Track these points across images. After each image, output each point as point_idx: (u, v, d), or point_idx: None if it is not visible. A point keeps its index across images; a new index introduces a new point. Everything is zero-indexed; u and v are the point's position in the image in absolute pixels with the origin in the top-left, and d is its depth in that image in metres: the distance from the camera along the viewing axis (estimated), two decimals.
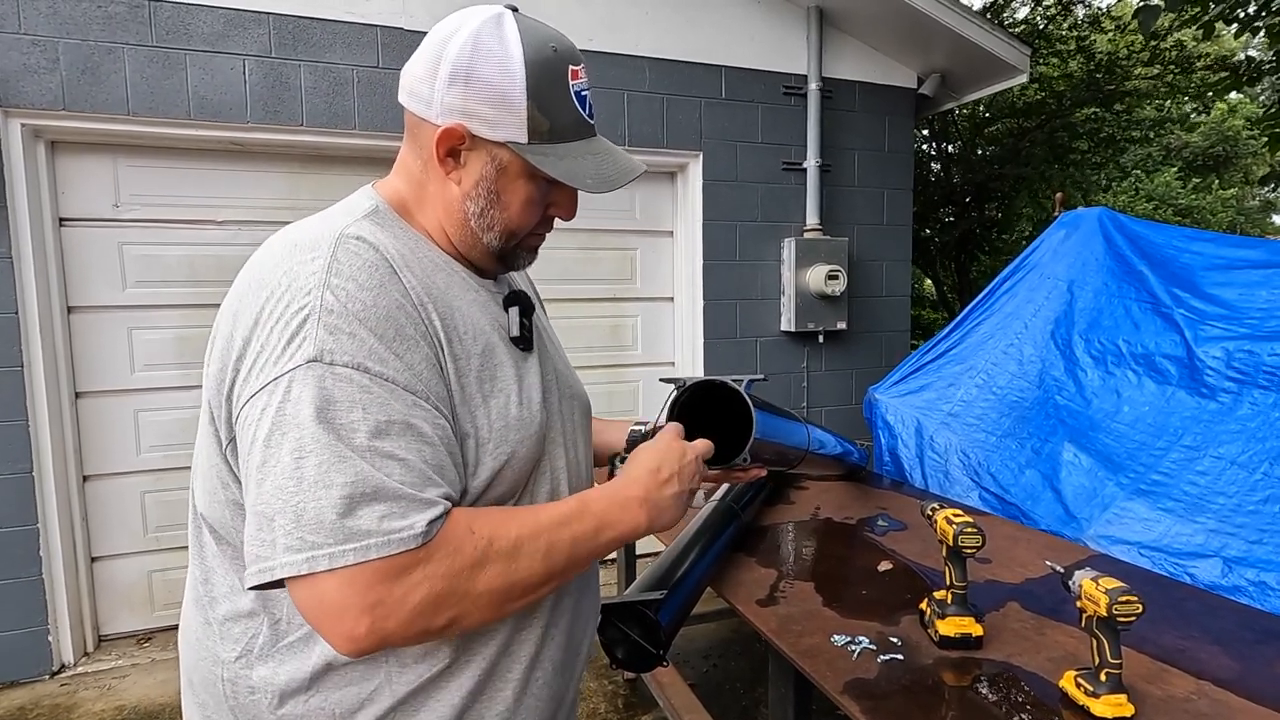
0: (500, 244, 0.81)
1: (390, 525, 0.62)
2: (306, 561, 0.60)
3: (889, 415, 2.59)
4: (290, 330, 0.65)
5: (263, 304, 0.68)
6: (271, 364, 0.65)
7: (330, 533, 0.60)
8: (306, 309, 0.65)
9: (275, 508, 0.62)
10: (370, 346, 0.66)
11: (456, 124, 0.75)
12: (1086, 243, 2.43)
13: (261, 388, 0.65)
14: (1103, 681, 1.02)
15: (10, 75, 2.47)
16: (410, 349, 0.68)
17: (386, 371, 0.66)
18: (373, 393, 0.64)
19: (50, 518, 2.62)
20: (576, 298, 3.42)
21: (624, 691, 2.56)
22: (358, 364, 0.65)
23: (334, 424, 0.62)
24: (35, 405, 2.57)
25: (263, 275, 0.70)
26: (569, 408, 0.90)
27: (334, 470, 0.61)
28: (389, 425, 0.64)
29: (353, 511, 0.61)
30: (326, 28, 2.83)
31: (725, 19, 3.45)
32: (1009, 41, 3.66)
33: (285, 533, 0.61)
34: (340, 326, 0.65)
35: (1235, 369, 1.83)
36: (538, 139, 0.76)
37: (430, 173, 0.79)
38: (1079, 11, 7.28)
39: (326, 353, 0.64)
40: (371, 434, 0.63)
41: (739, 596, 1.47)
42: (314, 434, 0.62)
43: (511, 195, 0.79)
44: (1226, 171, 10.21)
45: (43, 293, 2.60)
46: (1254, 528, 1.61)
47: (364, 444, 0.63)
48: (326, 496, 0.61)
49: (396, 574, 0.62)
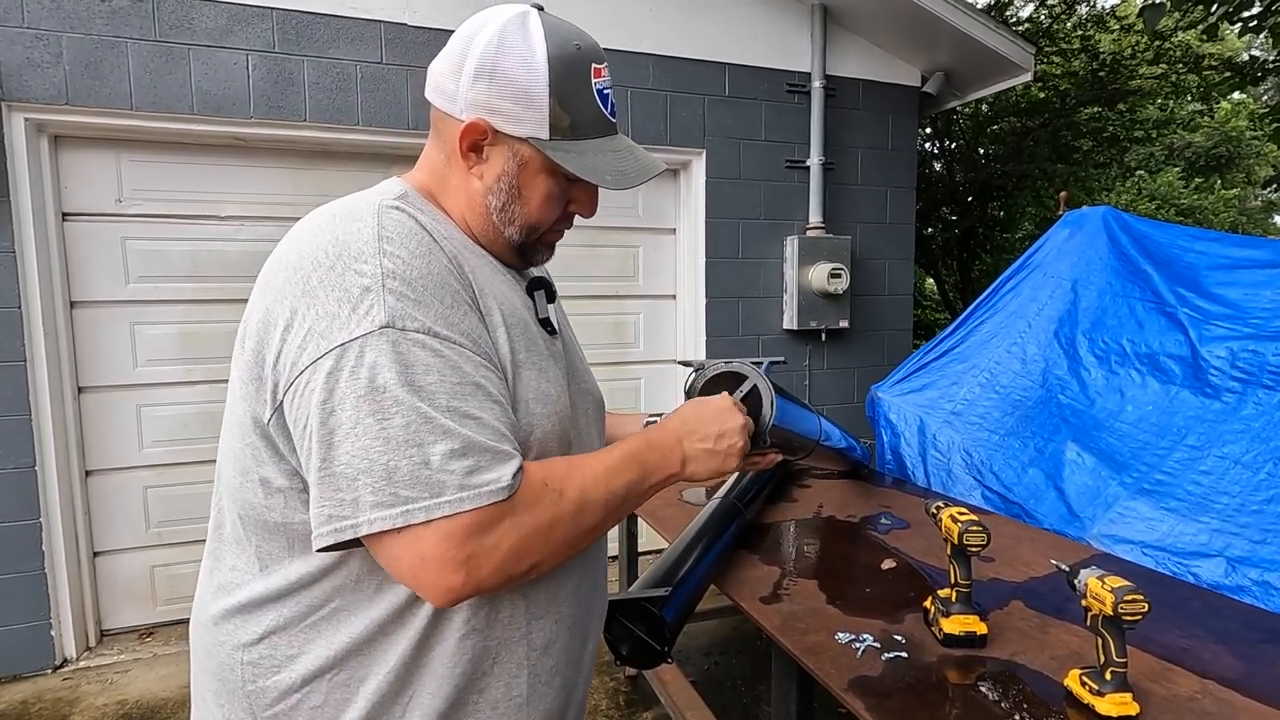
0: (521, 238, 0.83)
1: (480, 479, 0.65)
2: (402, 515, 0.63)
3: (892, 414, 2.59)
4: (353, 296, 0.66)
5: (310, 271, 0.68)
6: (337, 329, 0.65)
7: (425, 487, 0.63)
8: (368, 275, 0.66)
9: (359, 467, 0.63)
10: (437, 311, 0.68)
11: (479, 119, 0.77)
12: (1091, 242, 2.42)
13: (326, 352, 0.65)
14: (1108, 680, 1.02)
15: (13, 69, 2.47)
16: (466, 314, 0.71)
17: (454, 335, 0.68)
18: (445, 356, 0.67)
19: (53, 512, 2.62)
20: (579, 295, 3.42)
21: (625, 689, 2.56)
22: (428, 329, 0.67)
23: (415, 386, 0.64)
24: (38, 400, 2.57)
25: (302, 248, 0.71)
26: (584, 403, 0.91)
27: (422, 430, 0.64)
28: (463, 386, 0.67)
29: (445, 467, 0.64)
30: (330, 23, 2.83)
31: (729, 16, 3.45)
32: (1013, 40, 3.66)
33: (373, 490, 0.63)
34: (406, 293, 0.67)
35: (1239, 369, 1.83)
36: (559, 135, 0.77)
37: (453, 166, 0.81)
38: (1083, 10, 7.26)
39: (398, 318, 0.65)
40: (451, 395, 0.66)
41: (742, 594, 1.47)
42: (396, 396, 0.64)
43: (532, 190, 0.81)
44: (1229, 172, 10.18)
45: (45, 287, 2.60)
46: (1258, 527, 1.60)
47: (445, 404, 0.65)
48: (419, 454, 0.63)
49: (488, 526, 0.66)
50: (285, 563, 0.74)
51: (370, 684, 0.73)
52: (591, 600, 0.90)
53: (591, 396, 0.95)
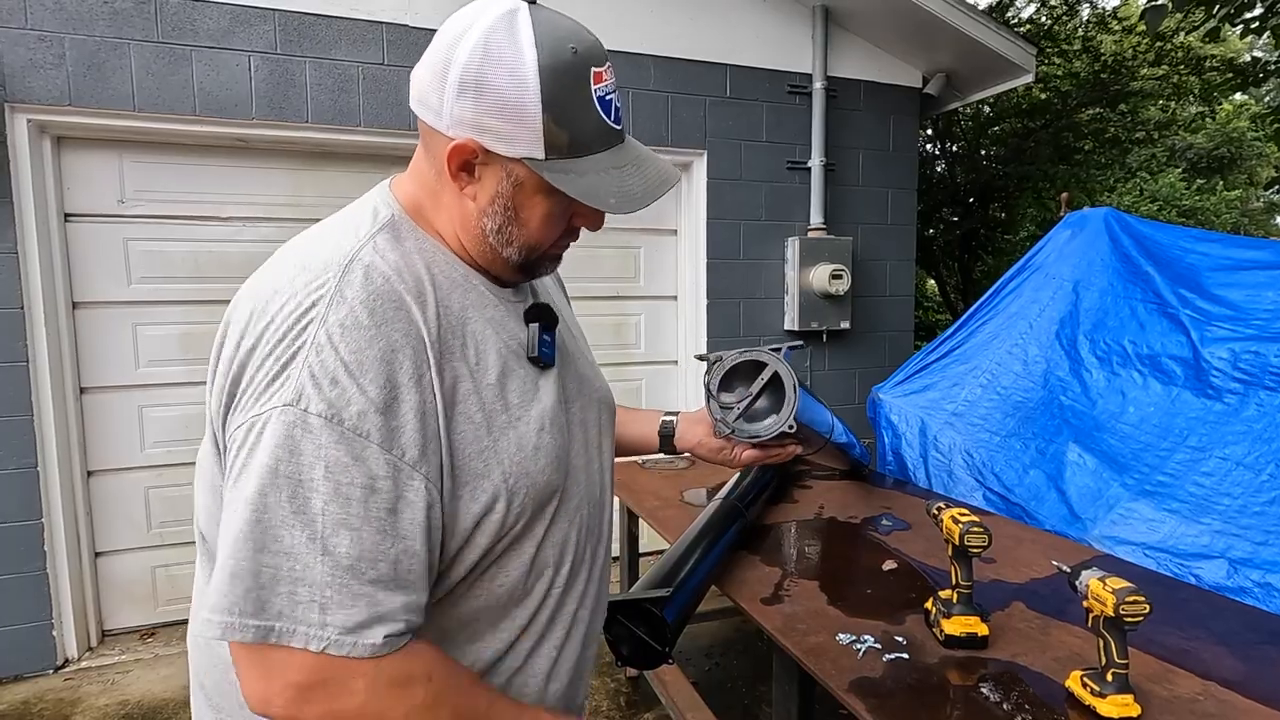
0: (521, 258, 0.77)
1: (304, 615, 0.58)
2: (221, 627, 0.58)
3: (893, 415, 2.59)
4: (278, 365, 0.61)
5: (262, 329, 0.64)
6: (254, 399, 0.62)
7: (245, 600, 0.58)
8: (297, 345, 0.62)
9: (223, 553, 0.59)
10: (350, 396, 0.61)
11: (468, 139, 0.69)
12: (1092, 243, 2.42)
13: (241, 423, 0.62)
14: (1109, 681, 1.02)
15: (16, 70, 2.47)
16: (400, 400, 0.63)
17: (363, 426, 0.61)
18: (341, 447, 0.60)
19: (54, 513, 2.63)
20: (580, 295, 3.40)
21: (626, 689, 2.56)
22: (333, 415, 0.60)
23: (291, 479, 0.59)
24: (40, 400, 2.58)
25: (267, 296, 0.66)
26: (591, 413, 0.88)
27: (272, 533, 0.58)
28: (351, 489, 0.60)
29: (274, 585, 0.58)
30: (332, 24, 2.83)
31: (730, 17, 3.45)
32: (1014, 41, 3.65)
33: (217, 585, 0.59)
34: (325, 369, 0.60)
35: (1241, 370, 1.83)
36: (556, 154, 0.69)
37: (444, 183, 0.74)
38: (1085, 12, 7.26)
39: (304, 398, 0.60)
40: (332, 496, 0.59)
41: (743, 595, 1.47)
42: (265, 486, 0.58)
43: (530, 212, 0.73)
44: (1231, 173, 10.18)
45: (48, 288, 2.60)
46: (1259, 529, 1.60)
47: (318, 507, 0.59)
48: (253, 561, 0.58)
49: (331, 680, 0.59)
50: None
51: None
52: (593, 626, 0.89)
53: (602, 404, 0.92)
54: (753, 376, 1.12)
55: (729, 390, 1.14)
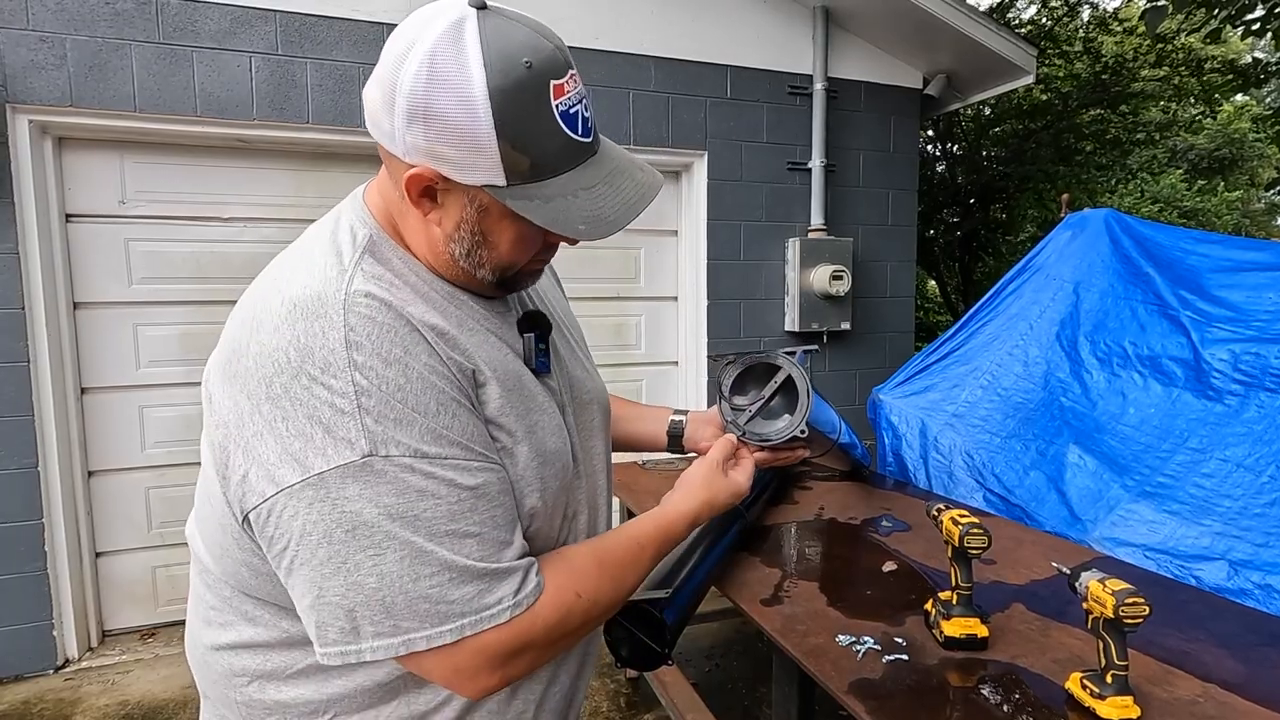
0: (495, 278, 0.73)
1: (481, 603, 0.65)
2: (403, 644, 0.63)
3: (893, 416, 2.59)
4: (327, 417, 0.60)
5: (272, 376, 0.61)
6: (313, 455, 0.60)
7: (425, 619, 0.63)
8: (339, 393, 0.60)
9: (355, 600, 0.62)
10: (421, 427, 0.63)
11: (424, 168, 0.64)
12: (1093, 244, 2.42)
13: (303, 479, 0.60)
14: (1109, 683, 1.02)
15: (18, 71, 2.48)
16: (455, 413, 0.66)
17: (444, 451, 0.64)
18: (436, 477, 0.63)
19: (55, 513, 2.63)
20: (580, 296, 3.42)
21: (626, 690, 2.56)
22: (415, 451, 0.62)
23: (406, 517, 0.62)
24: (41, 401, 2.58)
25: (264, 339, 0.63)
26: (586, 416, 0.87)
27: (418, 564, 0.62)
28: (460, 505, 0.64)
29: (444, 598, 0.63)
30: (333, 25, 2.84)
31: (731, 18, 3.45)
32: (1015, 42, 3.65)
33: (372, 622, 0.62)
34: (385, 413, 0.61)
35: (1242, 371, 1.83)
36: (518, 179, 0.64)
37: (408, 208, 0.70)
38: (1085, 13, 7.26)
39: (380, 444, 0.61)
40: (448, 518, 0.63)
41: (743, 596, 1.47)
42: (388, 531, 0.61)
43: (499, 236, 0.70)
44: (1232, 174, 10.18)
45: (49, 288, 2.60)
46: (1260, 531, 1.60)
47: (444, 529, 0.63)
48: (415, 588, 0.62)
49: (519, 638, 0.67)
50: (276, 623, 0.73)
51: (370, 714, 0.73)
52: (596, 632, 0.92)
53: (596, 405, 0.91)
54: (765, 379, 1.11)
55: (741, 392, 1.13)
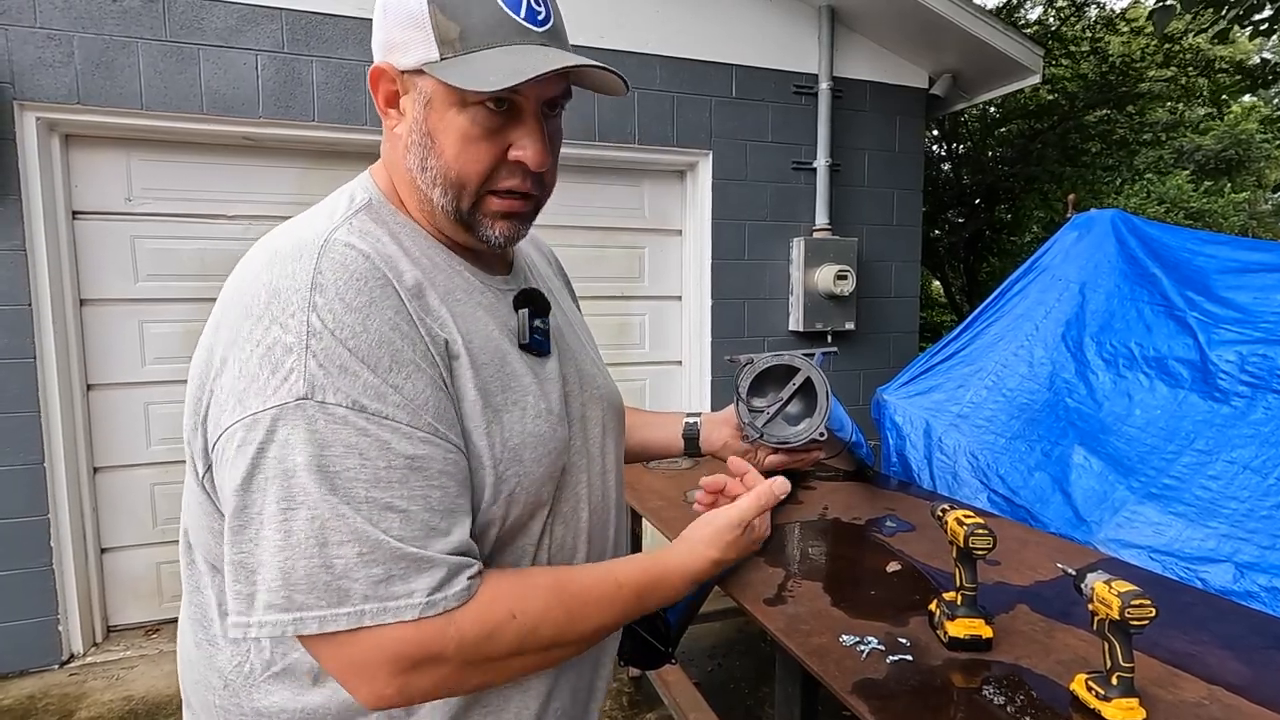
0: (450, 201, 0.68)
1: (390, 590, 0.57)
2: (293, 623, 0.56)
3: (897, 416, 2.58)
4: (274, 357, 0.57)
5: (241, 320, 0.60)
6: (254, 394, 0.57)
7: (323, 594, 0.56)
8: (292, 332, 0.58)
9: (258, 559, 0.56)
10: (365, 380, 0.58)
11: (379, 63, 0.67)
12: (1099, 245, 2.41)
13: (239, 420, 0.57)
14: (1114, 685, 1.01)
15: (25, 69, 2.49)
16: (410, 375, 0.61)
17: (385, 409, 0.59)
18: (370, 434, 0.58)
19: (61, 509, 2.64)
20: (584, 295, 3.39)
21: (629, 689, 2.56)
22: (353, 402, 0.57)
23: (328, 472, 0.56)
24: (47, 397, 2.59)
25: (243, 286, 0.63)
26: (595, 411, 0.83)
27: (328, 527, 0.56)
28: (390, 471, 0.58)
29: (348, 573, 0.56)
30: (339, 23, 2.84)
31: (736, 17, 3.45)
32: (1021, 42, 3.64)
33: (269, 589, 0.56)
34: (331, 359, 0.57)
35: (1249, 373, 1.82)
36: (450, 51, 0.63)
37: (387, 137, 0.71)
38: (1092, 13, 7.23)
39: (318, 389, 0.56)
40: (371, 483, 0.57)
41: (746, 595, 1.47)
42: (304, 484, 0.56)
43: (444, 135, 0.66)
44: (1239, 175, 10.13)
45: (55, 285, 2.61)
46: (1267, 533, 1.59)
47: (363, 495, 0.57)
48: (320, 556, 0.56)
49: (431, 644, 0.59)
50: None
51: None
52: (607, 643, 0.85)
53: (607, 402, 0.87)
54: (783, 381, 1.11)
55: (758, 394, 1.12)
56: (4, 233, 2.50)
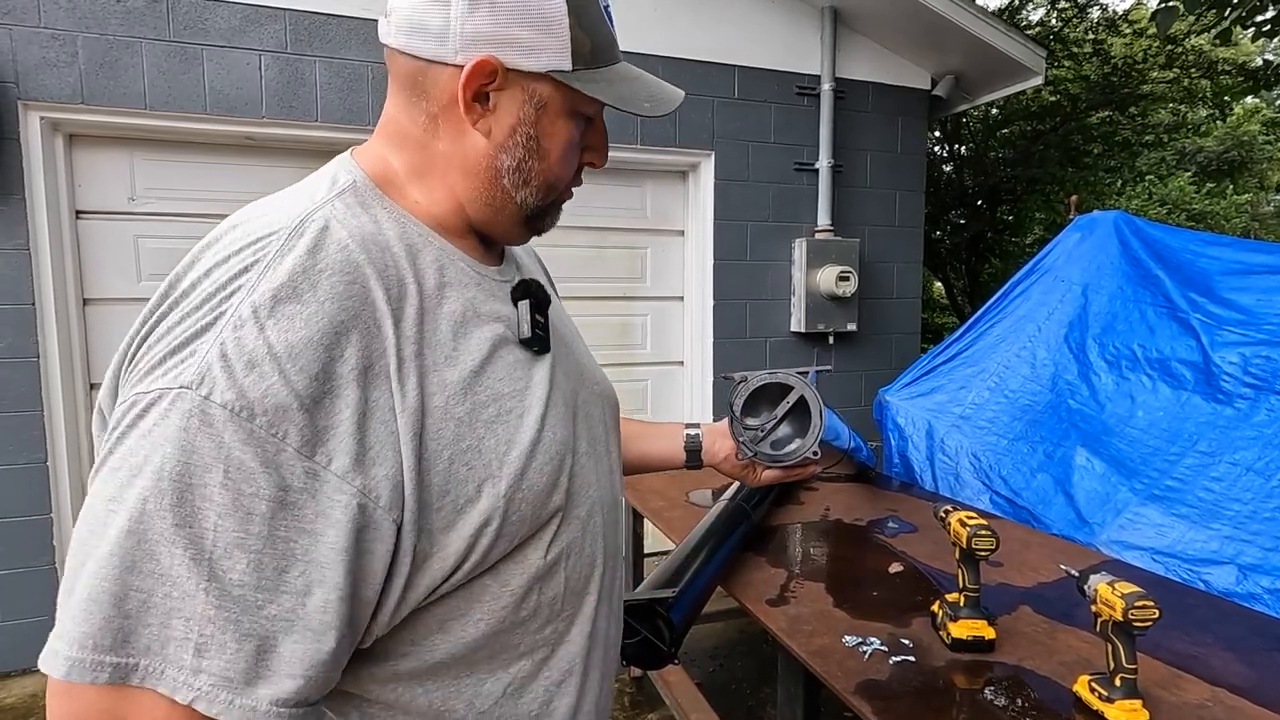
0: (537, 200, 0.68)
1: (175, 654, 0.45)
2: (68, 663, 0.45)
3: (900, 417, 2.58)
4: (185, 335, 0.50)
5: (177, 296, 0.53)
6: (145, 373, 0.50)
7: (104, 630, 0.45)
8: (212, 316, 0.50)
9: (82, 568, 0.46)
10: (269, 386, 0.48)
11: (486, 56, 0.60)
12: (1101, 246, 2.41)
13: (124, 400, 0.50)
14: (1117, 686, 1.01)
15: (30, 68, 2.49)
16: (335, 397, 0.50)
17: (281, 426, 0.48)
18: (250, 449, 0.47)
19: (63, 508, 2.64)
20: (586, 296, 3.42)
21: (630, 689, 2.56)
22: (242, 408, 0.47)
23: (179, 482, 0.46)
24: (50, 396, 2.60)
25: (193, 259, 0.56)
26: (595, 409, 0.78)
27: (147, 548, 0.45)
28: (254, 501, 0.47)
29: (142, 614, 0.45)
30: (342, 24, 2.85)
31: (739, 18, 3.45)
32: (1024, 43, 3.64)
33: (71, 610, 0.46)
34: (242, 349, 0.48)
35: (1252, 375, 1.82)
36: (581, 63, 0.62)
37: (442, 128, 0.64)
38: (1095, 14, 7.23)
39: (208, 381, 0.47)
40: (225, 510, 0.46)
41: (749, 596, 1.47)
42: (145, 490, 0.46)
43: (552, 140, 0.65)
44: (1241, 177, 10.12)
45: (59, 284, 2.62)
46: (1270, 535, 1.59)
47: (210, 522, 0.46)
48: (118, 582, 0.45)
49: None
50: None
51: None
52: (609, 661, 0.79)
53: (605, 399, 0.82)
54: (777, 399, 1.11)
55: (752, 412, 1.13)
56: (8, 232, 2.50)
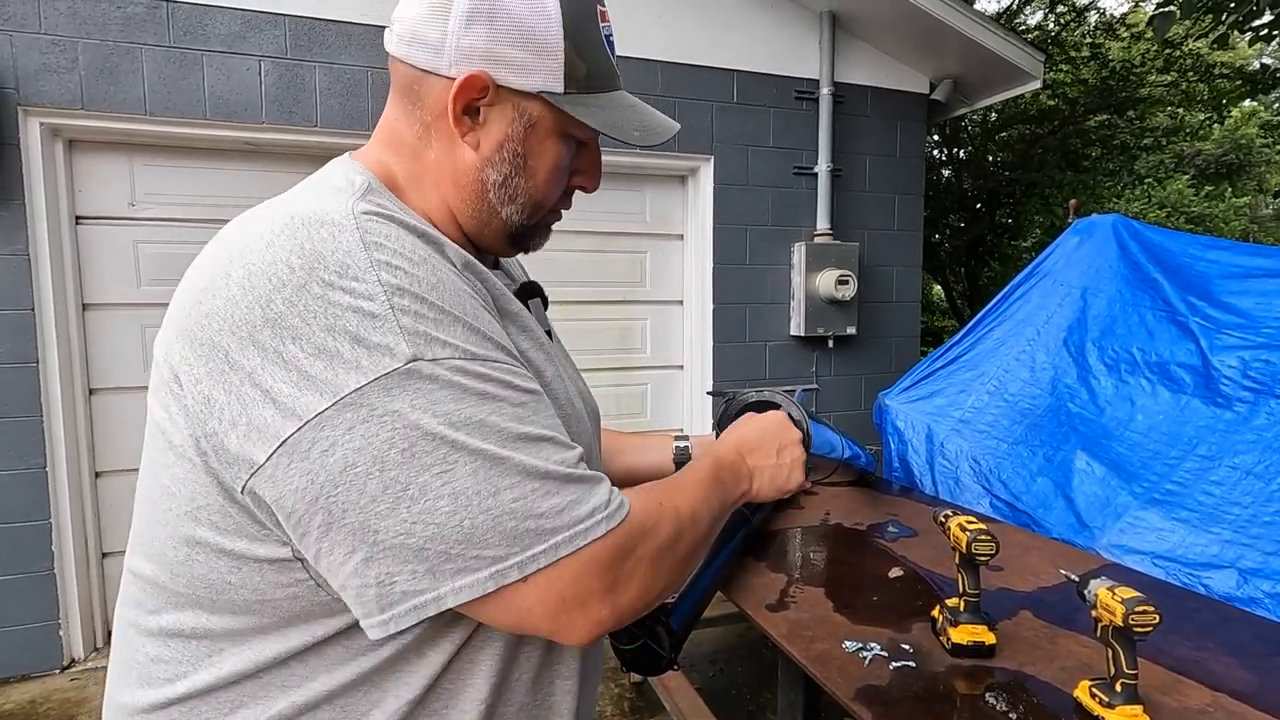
0: (521, 218, 0.70)
1: (574, 514, 0.57)
2: (493, 577, 0.54)
3: (899, 421, 2.58)
4: (351, 327, 0.52)
5: (270, 297, 0.52)
6: (341, 371, 0.51)
7: (516, 540, 0.55)
8: (365, 295, 0.53)
9: (424, 535, 0.53)
10: (465, 327, 0.57)
11: (478, 72, 0.62)
12: (1100, 250, 2.42)
13: (334, 404, 0.51)
14: (1118, 692, 1.01)
15: (30, 74, 2.50)
16: (490, 321, 0.60)
17: (490, 353, 0.57)
18: (493, 379, 0.56)
19: (63, 513, 2.64)
20: (586, 300, 3.42)
21: (630, 695, 2.55)
22: (465, 352, 0.55)
23: (472, 424, 0.54)
24: (49, 401, 2.60)
25: (251, 261, 0.54)
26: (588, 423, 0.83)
27: (494, 476, 0.54)
28: (524, 408, 0.58)
29: (534, 511, 0.55)
30: (341, 29, 2.85)
31: (738, 23, 3.46)
32: (1022, 47, 3.65)
33: (450, 558, 0.54)
34: (423, 313, 0.54)
35: (1251, 378, 1.82)
36: (574, 87, 0.64)
37: (434, 138, 0.66)
38: (1092, 18, 7.25)
39: (426, 346, 0.53)
40: (517, 420, 0.56)
41: (749, 601, 1.47)
42: (455, 441, 0.53)
43: (540, 159, 0.67)
44: (1239, 180, 10.14)
45: (58, 290, 2.62)
46: (1270, 539, 1.59)
47: (515, 433, 0.56)
48: (496, 505, 0.54)
49: (624, 549, 0.60)
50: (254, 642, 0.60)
51: None
52: None
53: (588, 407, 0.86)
54: None
55: None
56: (7, 237, 2.50)
